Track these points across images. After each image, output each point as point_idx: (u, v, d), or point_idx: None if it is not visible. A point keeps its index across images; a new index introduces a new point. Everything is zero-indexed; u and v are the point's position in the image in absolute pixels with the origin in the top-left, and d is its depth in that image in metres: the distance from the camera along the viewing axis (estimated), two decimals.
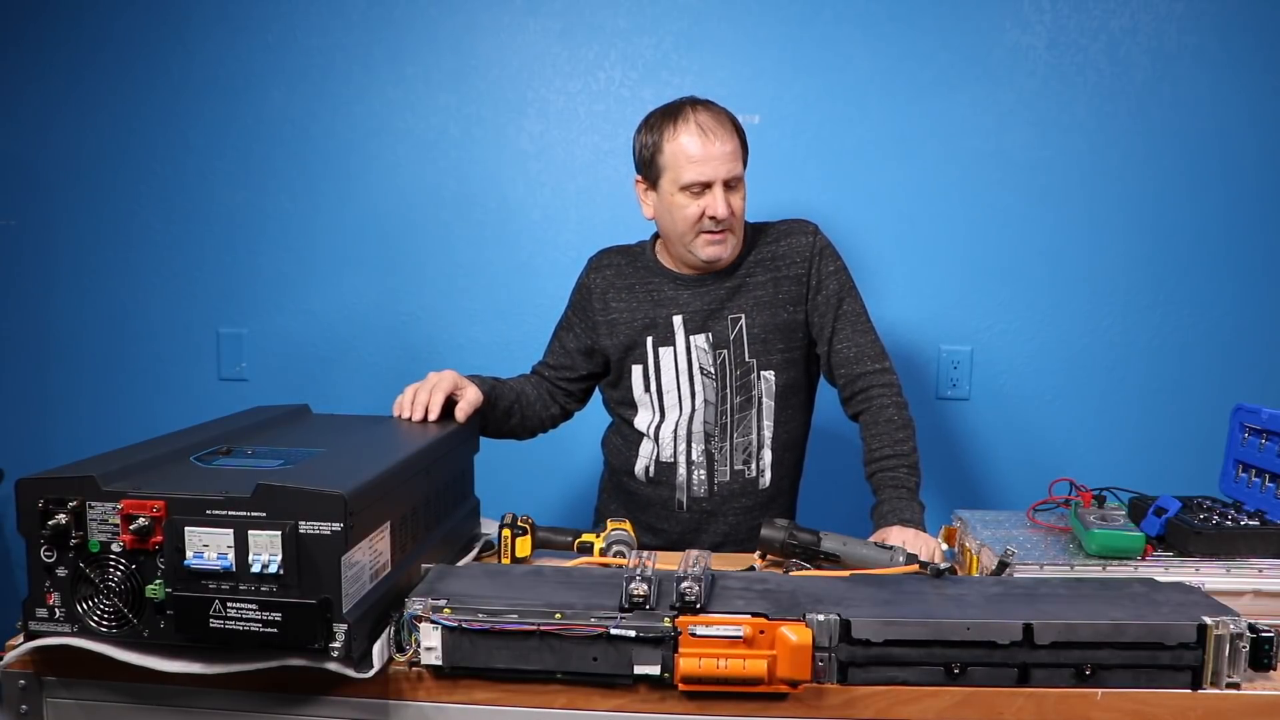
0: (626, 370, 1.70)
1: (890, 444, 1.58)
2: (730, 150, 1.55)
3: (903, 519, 1.49)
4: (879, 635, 1.01)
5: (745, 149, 1.61)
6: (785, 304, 1.64)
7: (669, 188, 1.57)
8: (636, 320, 1.67)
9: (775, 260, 1.64)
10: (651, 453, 1.70)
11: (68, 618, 1.02)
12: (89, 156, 2.31)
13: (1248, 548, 1.26)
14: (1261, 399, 1.53)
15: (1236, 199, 2.12)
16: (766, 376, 1.65)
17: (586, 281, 1.74)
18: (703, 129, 1.54)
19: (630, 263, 1.72)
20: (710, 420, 1.66)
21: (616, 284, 1.70)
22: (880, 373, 1.63)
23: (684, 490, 1.69)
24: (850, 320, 1.64)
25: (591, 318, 1.72)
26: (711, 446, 1.67)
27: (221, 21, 2.24)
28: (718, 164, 1.53)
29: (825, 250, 1.66)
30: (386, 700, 1.05)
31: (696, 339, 1.64)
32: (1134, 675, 1.01)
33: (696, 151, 1.53)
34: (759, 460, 1.67)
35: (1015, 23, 2.11)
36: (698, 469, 1.67)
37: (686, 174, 1.54)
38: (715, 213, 1.53)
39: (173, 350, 2.35)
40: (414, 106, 2.24)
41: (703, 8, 2.16)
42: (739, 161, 1.57)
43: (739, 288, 1.64)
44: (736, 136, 1.58)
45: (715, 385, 1.64)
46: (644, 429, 1.70)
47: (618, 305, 1.70)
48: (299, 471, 1.09)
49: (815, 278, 1.64)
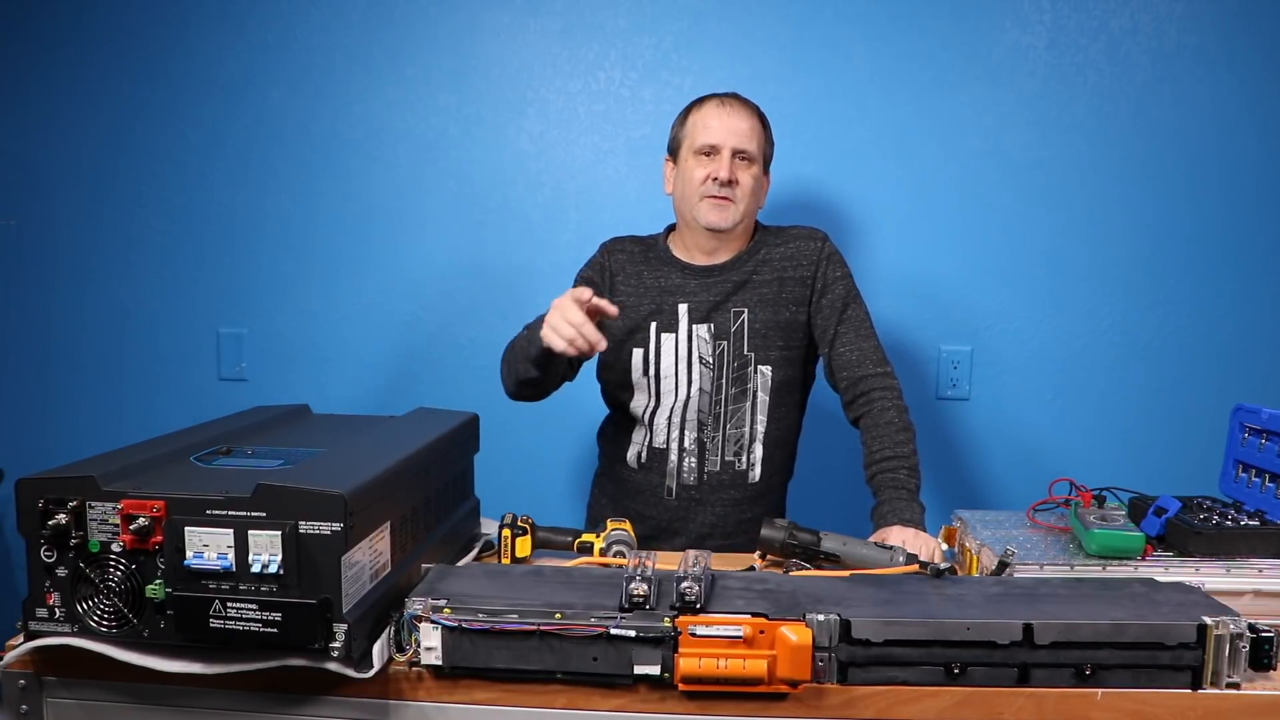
0: (627, 353, 1.72)
1: (890, 445, 1.59)
2: (745, 127, 1.65)
3: (903, 519, 1.49)
4: (879, 635, 1.01)
5: (767, 142, 1.71)
6: (788, 303, 1.68)
7: (686, 155, 1.69)
8: (643, 305, 1.71)
9: (782, 261, 1.70)
10: (644, 439, 1.73)
11: (68, 618, 1.02)
12: (89, 156, 2.31)
13: (1248, 548, 1.26)
14: (1261, 399, 1.53)
15: (1236, 199, 2.12)
16: (763, 371, 1.68)
17: (601, 261, 1.78)
18: (722, 102, 1.68)
19: (643, 251, 1.77)
20: (704, 409, 1.69)
21: (628, 268, 1.75)
22: (882, 376, 1.65)
23: (674, 477, 1.71)
24: (853, 325, 1.68)
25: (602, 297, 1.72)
26: (704, 435, 1.70)
27: (221, 22, 2.24)
28: (728, 132, 1.64)
29: (832, 257, 1.71)
30: (386, 700, 1.05)
31: (699, 328, 1.69)
32: (1134, 675, 1.01)
33: (711, 119, 1.67)
34: (750, 454, 1.70)
35: (1015, 23, 2.11)
36: (689, 456, 1.70)
37: (700, 137, 1.66)
38: (719, 174, 1.63)
39: (173, 350, 2.35)
40: (414, 106, 2.24)
41: (703, 8, 2.16)
42: (753, 142, 1.66)
43: (745, 283, 1.68)
44: (757, 122, 1.69)
45: (712, 375, 1.68)
46: (638, 414, 1.73)
47: (626, 289, 1.74)
48: (299, 471, 1.09)
49: (821, 281, 1.69)
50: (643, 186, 2.21)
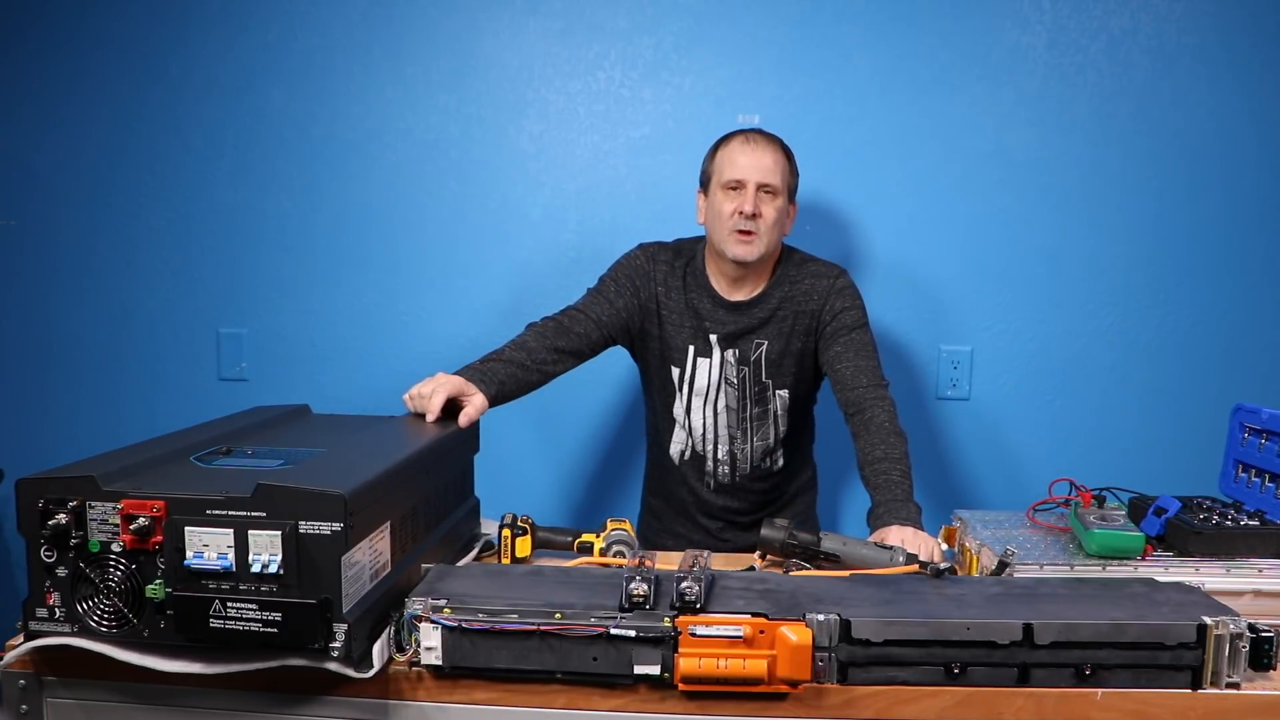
0: (666, 368, 1.85)
1: (883, 447, 1.61)
2: (769, 162, 1.73)
3: (901, 519, 1.49)
4: (879, 635, 1.01)
5: (792, 173, 1.77)
6: (799, 334, 1.80)
7: (715, 189, 1.77)
8: (684, 328, 1.82)
9: (798, 298, 1.80)
10: (685, 441, 1.88)
11: (68, 618, 1.02)
12: (89, 156, 2.31)
13: (1248, 548, 1.26)
14: (1261, 399, 1.53)
15: (1236, 199, 2.12)
16: (780, 395, 1.82)
17: (646, 268, 1.83)
18: (748, 139, 1.76)
19: (683, 265, 1.83)
20: (732, 425, 1.84)
21: (669, 282, 1.82)
22: (876, 388, 1.72)
23: (711, 476, 1.89)
24: (855, 346, 1.76)
25: (642, 299, 1.82)
26: (734, 447, 1.85)
27: (221, 21, 2.24)
28: (753, 168, 1.72)
29: (844, 290, 1.80)
30: (386, 700, 1.05)
31: (727, 353, 1.81)
32: (1134, 675, 1.01)
33: (737, 155, 1.75)
34: (774, 455, 1.87)
35: (1015, 23, 2.11)
36: (722, 465, 1.87)
37: (727, 173, 1.74)
38: (744, 208, 1.70)
39: (173, 350, 2.34)
40: (414, 106, 2.24)
41: (703, 8, 2.16)
42: (776, 176, 1.73)
43: (768, 319, 1.79)
44: (782, 157, 1.76)
45: (737, 394, 1.82)
46: (678, 418, 1.87)
47: (668, 304, 1.82)
48: (299, 471, 1.09)
49: (829, 313, 1.79)
50: (643, 186, 2.21)
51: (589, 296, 1.82)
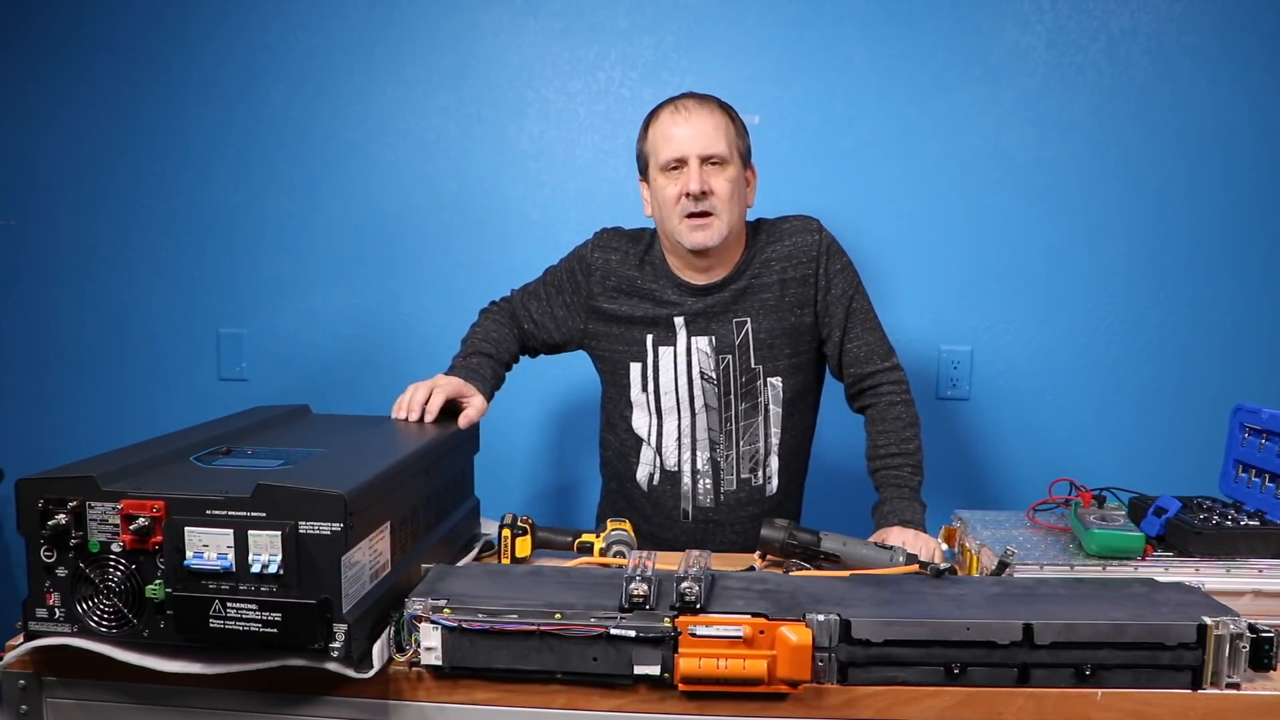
0: (624, 366, 1.65)
1: (896, 441, 1.59)
2: (707, 128, 1.52)
3: (903, 519, 1.49)
4: (879, 635, 1.01)
5: (739, 135, 1.58)
6: (793, 307, 1.61)
7: (655, 174, 1.57)
8: (637, 315, 1.62)
9: (780, 261, 1.60)
10: (654, 460, 1.66)
11: (68, 618, 1.02)
12: (89, 156, 2.31)
13: (1248, 548, 1.26)
14: (1261, 399, 1.53)
15: (1236, 199, 2.12)
16: (774, 383, 1.62)
17: (589, 257, 1.66)
18: (678, 108, 1.55)
19: (638, 253, 1.65)
20: (714, 427, 1.62)
21: (619, 271, 1.64)
22: (889, 369, 1.64)
23: (689, 500, 1.66)
24: (860, 319, 1.64)
25: (582, 297, 1.66)
26: (716, 454, 1.63)
27: (221, 22, 2.24)
28: (691, 140, 1.51)
29: (831, 248, 1.63)
30: (386, 700, 1.05)
31: (698, 341, 1.61)
32: (1134, 675, 1.01)
33: (670, 129, 1.54)
34: (766, 467, 1.65)
35: (1015, 23, 2.11)
36: (703, 478, 1.64)
37: (663, 152, 1.54)
38: (689, 188, 1.50)
39: (173, 350, 2.35)
40: (414, 106, 2.23)
41: (703, 8, 2.16)
42: (721, 141, 1.53)
43: (745, 290, 1.60)
44: (722, 118, 1.55)
45: (717, 391, 1.61)
46: (642, 433, 1.67)
47: (618, 296, 1.64)
48: (299, 471, 1.09)
49: (824, 278, 1.61)
50: None
51: (533, 298, 1.69)
